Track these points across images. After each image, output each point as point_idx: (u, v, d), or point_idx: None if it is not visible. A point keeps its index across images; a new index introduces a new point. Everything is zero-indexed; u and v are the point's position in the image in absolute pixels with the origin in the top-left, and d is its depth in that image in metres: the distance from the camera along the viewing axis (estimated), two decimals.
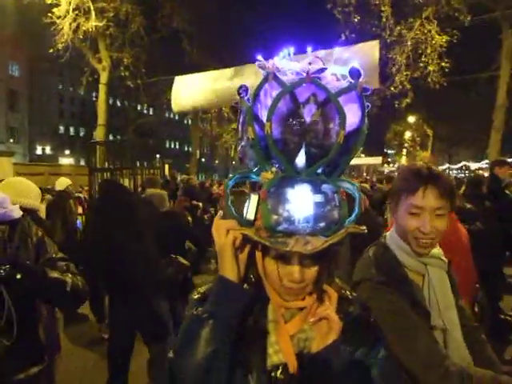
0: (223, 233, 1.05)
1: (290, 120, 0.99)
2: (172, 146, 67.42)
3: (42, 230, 2.06)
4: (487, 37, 15.52)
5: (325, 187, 0.99)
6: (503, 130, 14.61)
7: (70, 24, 14.60)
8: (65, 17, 14.51)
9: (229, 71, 11.44)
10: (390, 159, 47.34)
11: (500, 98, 14.52)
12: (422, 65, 13.79)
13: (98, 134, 16.99)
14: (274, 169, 1.02)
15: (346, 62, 1.00)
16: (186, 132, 49.40)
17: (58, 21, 14.51)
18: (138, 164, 10.72)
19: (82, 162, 47.60)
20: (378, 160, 37.17)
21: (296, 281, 1.02)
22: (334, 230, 0.97)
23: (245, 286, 1.10)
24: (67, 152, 55.01)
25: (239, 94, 1.07)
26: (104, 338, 4.39)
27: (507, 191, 5.79)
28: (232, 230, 1.04)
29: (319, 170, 1.00)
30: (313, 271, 1.04)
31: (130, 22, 16.28)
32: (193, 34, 19.70)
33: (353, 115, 0.97)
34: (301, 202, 0.96)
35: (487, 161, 16.56)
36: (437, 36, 13.84)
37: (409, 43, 14.47)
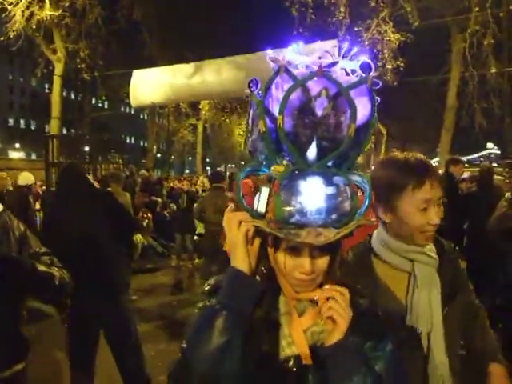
0: (235, 225, 1.07)
1: (302, 113, 1.02)
2: (128, 141, 65.97)
3: (24, 225, 2.01)
4: (439, 40, 16.20)
5: (336, 179, 1.02)
6: (453, 130, 15.34)
7: (23, 12, 13.90)
8: (17, 4, 13.83)
9: (188, 67, 11.32)
10: None
11: (450, 100, 15.23)
12: (379, 64, 14.20)
13: (52, 127, 16.38)
14: (284, 162, 1.04)
15: (355, 57, 1.05)
16: (141, 127, 48.30)
17: (9, 7, 13.82)
18: (94, 158, 10.48)
19: (34, 156, 45.73)
20: None
21: (307, 272, 1.05)
22: (345, 221, 1.01)
23: (256, 277, 1.12)
24: (17, 145, 52.60)
25: (249, 87, 1.07)
26: None
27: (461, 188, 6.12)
28: (244, 222, 1.06)
29: (330, 163, 1.03)
30: (323, 263, 1.07)
31: (87, 12, 15.70)
32: (153, 26, 19.35)
33: (363, 108, 1.01)
34: (313, 194, 0.99)
35: (437, 159, 17.34)
36: (391, 35, 14.27)
37: (366, 43, 14.86)
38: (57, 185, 3.94)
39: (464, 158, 18.90)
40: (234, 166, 42.82)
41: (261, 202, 1.05)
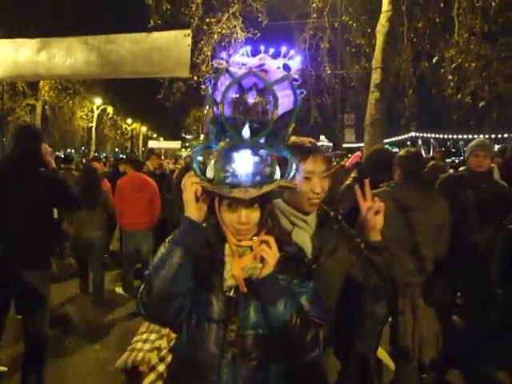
0: (188, 185, 1.40)
1: (238, 103, 1.38)
2: None
3: None
4: (283, 40, 17.45)
5: (261, 152, 1.39)
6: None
7: None
8: None
9: (35, 42, 10.47)
10: (187, 144, 49.50)
11: None
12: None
13: None
14: (227, 139, 1.40)
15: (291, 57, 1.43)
16: None
17: None
18: None
19: None
20: (176, 144, 39.51)
21: (243, 222, 1.42)
22: (265, 182, 1.38)
23: (203, 225, 1.47)
24: None
25: (205, 84, 1.42)
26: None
27: None
28: (194, 183, 1.40)
29: (262, 140, 1.39)
30: (255, 215, 1.44)
31: None
32: None
33: (288, 99, 1.41)
34: (242, 162, 1.36)
35: None
36: (240, 32, 15.06)
37: (215, 36, 15.41)
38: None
39: None
40: (73, 151, 40.57)
41: (209, 170, 1.39)
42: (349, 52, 14.84)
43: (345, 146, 15.47)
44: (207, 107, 1.44)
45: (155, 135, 60.99)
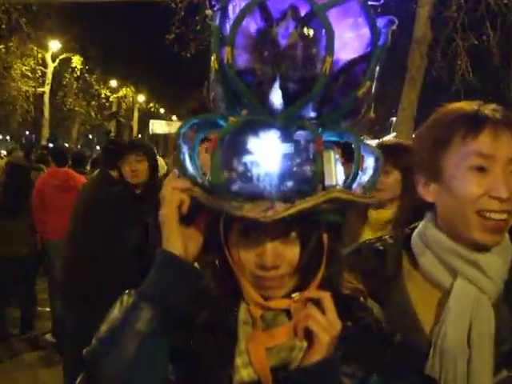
0: (169, 194, 0.80)
1: (260, 43, 0.76)
2: None
3: None
4: None
5: (299, 134, 0.77)
6: None
7: None
8: None
9: None
10: None
11: None
12: None
13: None
14: (245, 111, 0.78)
15: None
16: None
17: None
18: None
19: None
20: None
21: (267, 266, 0.79)
22: (305, 191, 0.76)
23: (197, 266, 0.85)
24: None
25: (211, 5, 0.79)
26: None
27: None
28: (178, 191, 0.80)
29: (311, 114, 0.77)
30: (292, 252, 0.81)
31: None
32: None
33: (355, 35, 0.77)
34: (263, 153, 0.75)
35: None
36: None
37: None
38: None
39: None
40: (8, 138, 28.09)
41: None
42: None
43: None
44: (212, 53, 0.83)
45: (162, 111, 33.67)
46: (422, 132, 1.12)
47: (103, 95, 24.17)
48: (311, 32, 0.75)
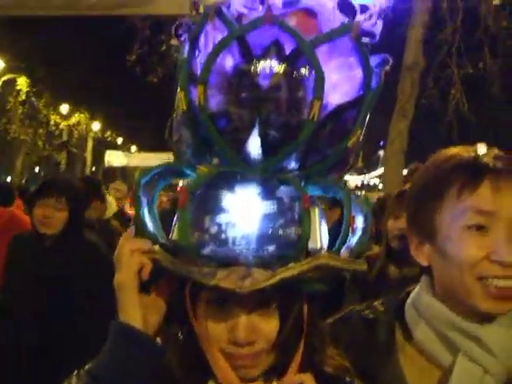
0: (126, 255, 0.69)
1: (238, 84, 0.66)
2: None
3: None
4: None
5: (281, 191, 0.67)
6: None
7: None
8: None
9: None
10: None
11: None
12: None
13: None
14: (216, 160, 0.69)
15: None
16: None
17: None
18: None
19: None
20: (164, 159, 35.07)
21: (241, 342, 0.68)
22: (289, 257, 0.66)
23: (158, 341, 0.73)
24: None
25: (176, 35, 0.70)
26: None
27: None
28: (138, 253, 0.69)
29: (293, 165, 0.68)
30: (269, 326, 0.70)
31: None
32: None
33: (346, 77, 0.67)
34: (239, 212, 0.66)
35: None
36: None
37: None
38: None
39: None
40: None
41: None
42: None
43: None
44: (178, 90, 0.73)
45: (120, 140, 29.16)
46: (414, 183, 1.00)
47: (52, 122, 21.11)
48: (297, 72, 0.65)
